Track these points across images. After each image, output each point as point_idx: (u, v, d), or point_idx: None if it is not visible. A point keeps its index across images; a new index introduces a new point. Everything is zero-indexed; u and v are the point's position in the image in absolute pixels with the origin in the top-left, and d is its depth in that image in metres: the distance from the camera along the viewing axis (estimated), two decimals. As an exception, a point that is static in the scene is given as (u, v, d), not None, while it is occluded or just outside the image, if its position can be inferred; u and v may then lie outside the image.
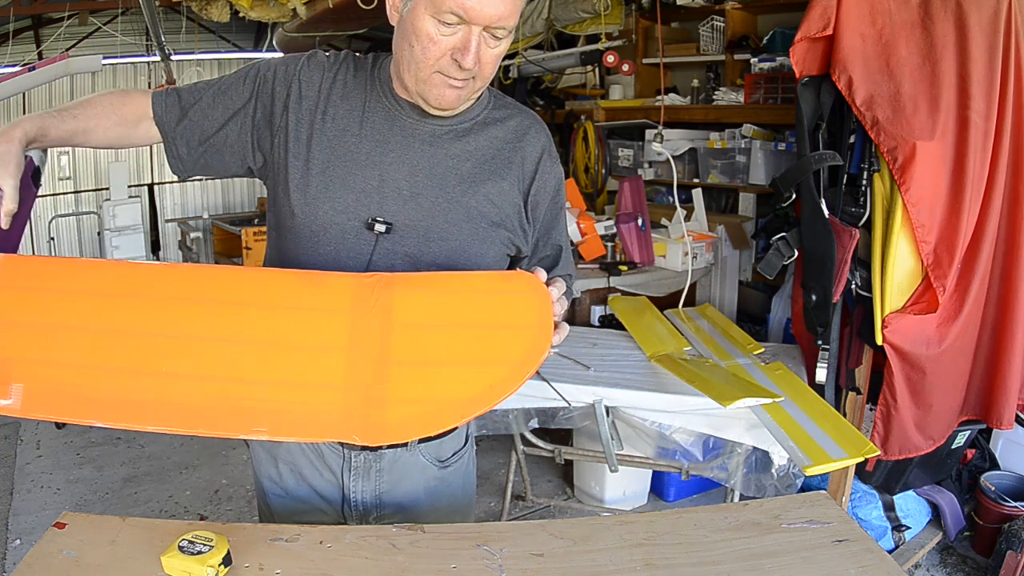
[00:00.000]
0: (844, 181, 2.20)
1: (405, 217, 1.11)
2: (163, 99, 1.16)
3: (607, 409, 2.25)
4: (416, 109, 1.13)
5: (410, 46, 1.03)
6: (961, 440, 2.44)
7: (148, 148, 6.19)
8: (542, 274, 1.01)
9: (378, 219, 1.09)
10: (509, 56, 4.48)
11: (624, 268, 3.14)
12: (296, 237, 1.14)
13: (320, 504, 1.26)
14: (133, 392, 0.88)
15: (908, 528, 2.54)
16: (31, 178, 1.07)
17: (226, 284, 1.02)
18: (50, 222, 5.61)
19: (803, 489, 2.25)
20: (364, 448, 1.21)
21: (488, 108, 1.18)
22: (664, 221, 3.39)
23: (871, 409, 2.28)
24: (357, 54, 1.20)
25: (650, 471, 2.94)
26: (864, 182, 2.14)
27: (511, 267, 1.24)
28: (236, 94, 1.16)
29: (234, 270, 1.05)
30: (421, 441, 1.24)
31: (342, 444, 1.22)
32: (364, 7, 3.26)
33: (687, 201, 3.47)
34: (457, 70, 1.02)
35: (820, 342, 2.29)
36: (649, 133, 3.88)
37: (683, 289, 3.02)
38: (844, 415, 2.21)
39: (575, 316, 3.10)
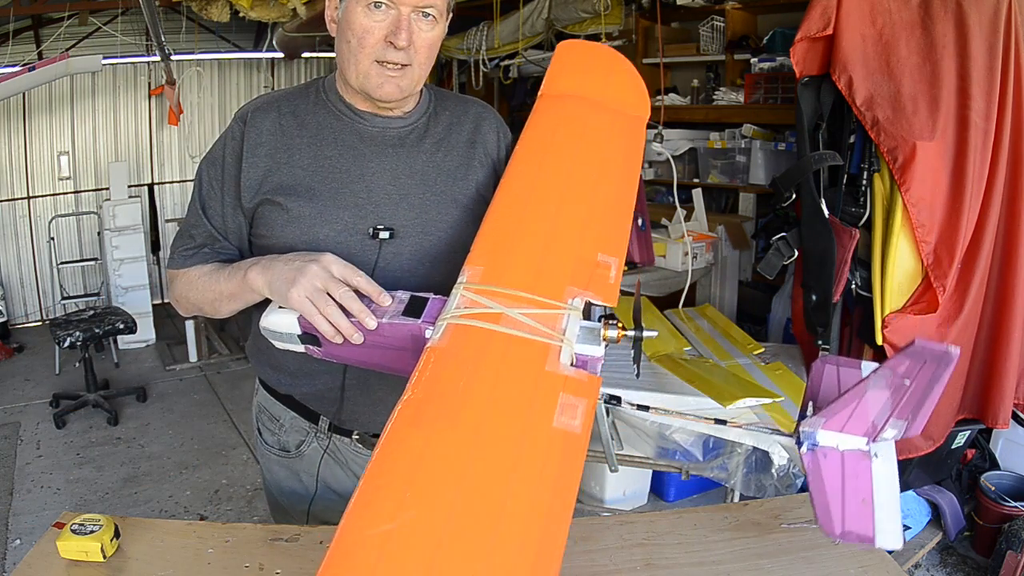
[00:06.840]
0: (844, 181, 2.20)
1: (402, 219, 1.15)
2: (186, 256, 1.18)
3: (607, 409, 2.25)
4: (374, 115, 1.17)
5: (348, 42, 1.08)
6: (961, 440, 2.44)
7: (148, 148, 6.08)
8: None
9: (379, 227, 1.13)
10: (509, 56, 4.48)
11: (624, 268, 3.14)
12: None
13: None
14: None
15: (908, 528, 2.54)
16: None
17: None
18: (50, 222, 5.59)
19: (803, 489, 2.25)
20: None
21: (434, 100, 1.24)
22: (664, 221, 3.39)
23: (871, 409, 2.27)
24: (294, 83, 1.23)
25: (650, 471, 2.93)
26: (864, 182, 2.14)
27: None
28: (206, 196, 1.17)
29: None
30: None
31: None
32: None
33: (687, 201, 3.47)
34: (393, 52, 1.06)
35: (820, 342, 2.29)
36: (649, 133, 3.87)
37: (683, 289, 3.02)
38: (844, 415, 2.21)
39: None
